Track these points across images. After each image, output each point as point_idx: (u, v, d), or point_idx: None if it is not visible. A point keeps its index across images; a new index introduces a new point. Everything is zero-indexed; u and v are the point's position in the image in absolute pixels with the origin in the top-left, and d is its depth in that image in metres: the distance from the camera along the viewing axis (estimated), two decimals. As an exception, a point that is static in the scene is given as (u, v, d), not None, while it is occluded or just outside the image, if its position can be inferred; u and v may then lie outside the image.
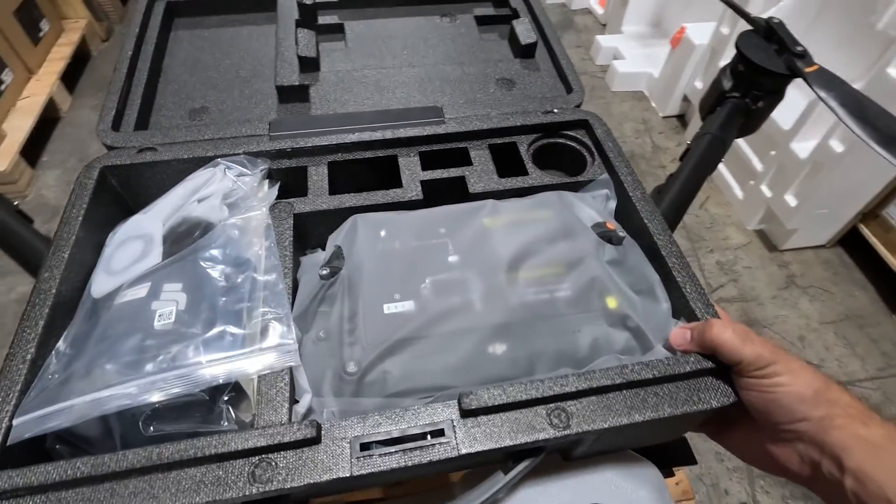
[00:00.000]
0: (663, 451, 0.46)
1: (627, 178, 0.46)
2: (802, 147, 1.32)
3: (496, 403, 0.33)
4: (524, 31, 0.62)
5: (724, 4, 0.57)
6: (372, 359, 0.36)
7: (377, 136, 0.48)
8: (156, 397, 0.32)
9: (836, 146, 1.21)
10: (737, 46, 0.54)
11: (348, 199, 0.45)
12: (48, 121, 1.72)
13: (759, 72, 0.52)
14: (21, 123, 1.58)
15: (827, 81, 0.49)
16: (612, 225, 0.44)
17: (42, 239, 0.51)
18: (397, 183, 0.47)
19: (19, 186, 1.54)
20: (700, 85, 1.70)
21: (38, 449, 0.33)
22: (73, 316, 0.38)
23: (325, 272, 0.39)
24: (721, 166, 1.66)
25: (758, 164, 1.50)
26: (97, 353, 0.34)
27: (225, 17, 0.68)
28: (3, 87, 1.58)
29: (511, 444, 0.32)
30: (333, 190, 0.46)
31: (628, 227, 0.44)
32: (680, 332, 0.37)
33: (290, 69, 0.57)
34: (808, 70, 0.50)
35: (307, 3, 0.63)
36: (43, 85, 1.70)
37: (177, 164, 0.46)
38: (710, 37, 1.58)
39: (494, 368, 0.36)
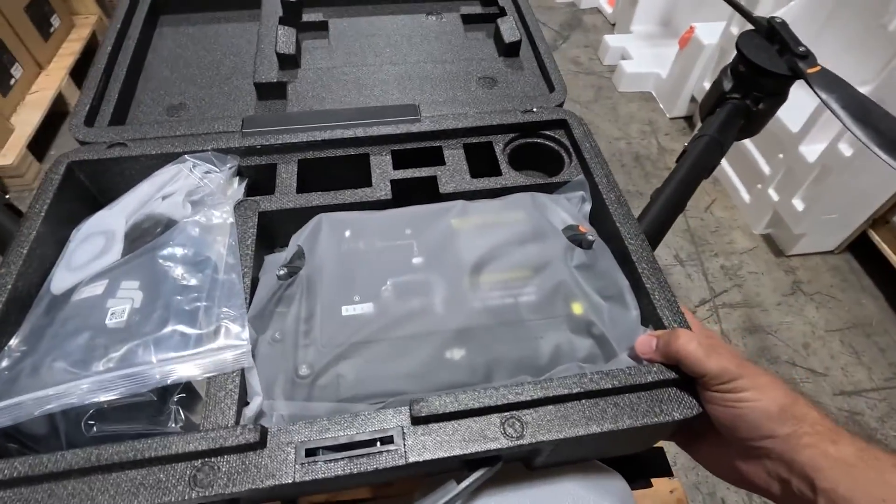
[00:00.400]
0: (637, 461, 0.45)
1: (602, 180, 0.44)
2: (811, 150, 1.29)
3: (448, 411, 0.31)
4: (508, 29, 0.61)
5: (729, 5, 0.55)
6: (326, 362, 0.35)
7: (349, 133, 0.47)
8: (102, 397, 0.32)
9: (846, 150, 1.18)
10: (737, 46, 0.52)
11: (315, 198, 0.44)
12: (56, 115, 1.74)
13: (760, 73, 0.50)
14: (29, 117, 1.60)
15: (830, 83, 0.47)
16: (585, 228, 0.42)
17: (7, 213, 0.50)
18: (368, 182, 0.46)
19: (26, 180, 1.55)
20: (708, 85, 1.66)
21: (-15, 447, 0.32)
22: (27, 312, 0.37)
23: (282, 272, 0.39)
24: (727, 169, 1.63)
25: (765, 167, 1.46)
26: (46, 350, 0.34)
27: (211, 15, 0.67)
28: (12, 81, 1.60)
29: (462, 452, 0.31)
30: (304, 189, 0.45)
31: (601, 231, 0.43)
32: (646, 340, 0.35)
33: (269, 66, 0.57)
34: (810, 71, 0.48)
35: (291, 0, 0.63)
36: (52, 80, 1.72)
37: (145, 160, 0.45)
38: (720, 37, 1.55)
39: (451, 375, 0.35)
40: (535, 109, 0.51)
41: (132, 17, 0.62)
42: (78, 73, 1.84)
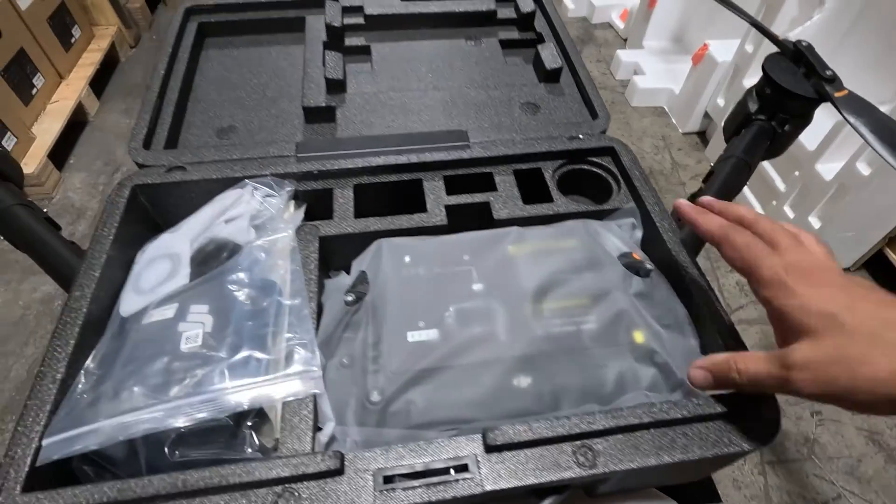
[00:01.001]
0: (687, 488, 0.45)
1: (655, 209, 0.45)
2: (828, 168, 1.30)
3: (522, 440, 0.32)
4: (549, 55, 0.62)
5: (753, 27, 0.56)
6: (396, 388, 0.35)
7: (402, 159, 0.48)
8: (181, 422, 0.32)
9: (864, 169, 1.19)
10: (763, 69, 0.53)
11: (373, 223, 0.45)
12: (76, 124, 1.77)
13: (787, 95, 0.51)
14: (50, 127, 1.62)
15: (857, 107, 0.48)
16: (639, 255, 0.43)
17: (67, 245, 0.51)
18: (421, 207, 0.47)
19: (46, 188, 1.57)
20: (722, 102, 1.68)
21: (65, 469, 0.33)
22: (101, 334, 0.38)
23: (350, 298, 0.40)
24: (742, 186, 1.64)
25: (780, 184, 1.47)
26: (125, 374, 0.34)
27: (254, 38, 0.69)
28: (34, 91, 1.62)
29: (536, 482, 0.31)
30: (358, 213, 0.46)
31: (654, 259, 0.44)
32: (701, 375, 0.34)
33: (317, 90, 0.58)
34: (837, 95, 0.49)
35: (335, 25, 0.64)
36: (72, 89, 1.74)
37: (205, 183, 0.46)
38: (734, 54, 1.56)
39: (519, 402, 0.36)
40: (581, 136, 0.52)
41: (181, 41, 0.63)
42: (97, 83, 1.87)
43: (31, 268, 1.36)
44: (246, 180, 0.46)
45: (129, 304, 0.40)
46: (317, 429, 0.35)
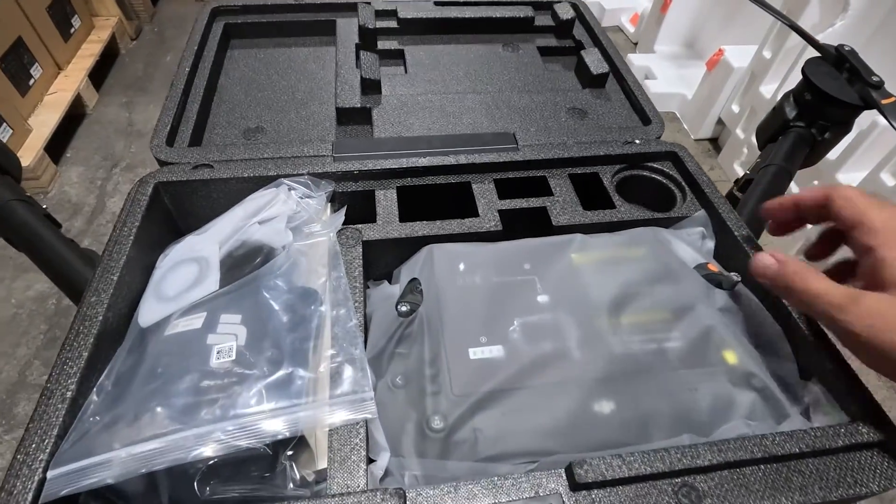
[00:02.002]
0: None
1: (730, 216, 0.41)
2: (849, 178, 1.26)
3: (615, 476, 0.27)
4: (595, 61, 0.59)
5: (793, 31, 0.54)
6: (460, 413, 0.30)
7: (450, 160, 0.45)
8: (211, 451, 0.27)
9: (888, 179, 1.16)
10: (804, 73, 0.50)
11: (421, 228, 0.41)
12: (74, 117, 1.71)
13: (830, 101, 0.48)
14: (47, 119, 1.56)
15: None
16: (715, 267, 0.39)
17: (68, 244, 0.47)
18: (471, 212, 0.43)
19: (42, 182, 1.51)
20: (737, 109, 1.64)
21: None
22: (117, 347, 0.33)
23: (404, 308, 0.35)
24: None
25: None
26: (145, 394, 0.29)
27: (281, 41, 0.66)
28: (31, 81, 1.56)
29: (634, 528, 0.26)
30: (402, 218, 0.42)
31: (730, 271, 0.39)
32: (768, 261, 0.31)
33: (352, 91, 0.54)
34: (885, 102, 0.47)
35: (369, 27, 0.61)
36: (71, 81, 1.69)
37: (235, 182, 0.42)
38: (751, 60, 1.54)
39: (602, 431, 0.31)
40: (637, 141, 0.49)
41: (207, 41, 0.60)
42: (96, 75, 1.82)
43: (24, 264, 1.31)
44: (281, 179, 0.42)
45: (149, 312, 0.35)
46: (369, 460, 0.30)
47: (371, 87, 0.56)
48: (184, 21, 2.21)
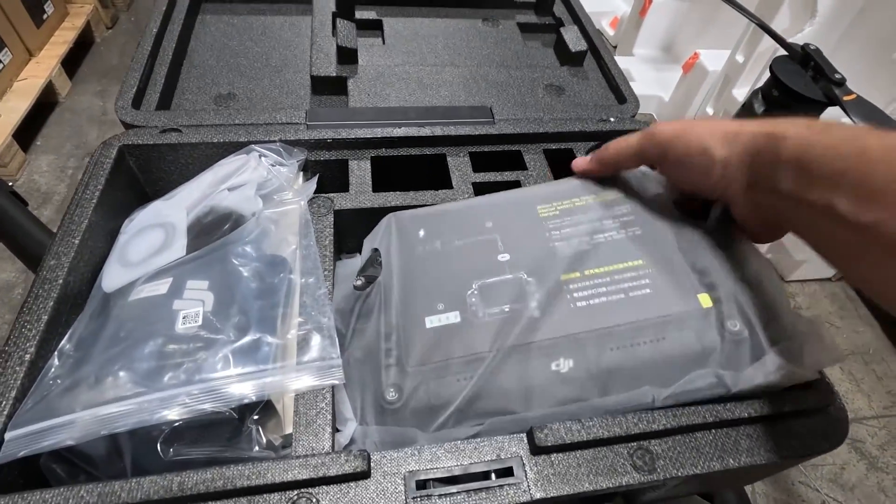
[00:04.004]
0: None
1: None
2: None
3: (574, 440, 0.28)
4: (574, 38, 0.59)
5: (764, 32, 0.55)
6: (415, 384, 0.31)
7: (426, 132, 0.44)
8: (176, 414, 0.27)
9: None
10: (772, 70, 0.52)
11: (394, 198, 0.41)
12: (45, 105, 1.65)
13: (795, 98, 0.50)
14: (17, 105, 1.51)
15: (866, 111, 0.47)
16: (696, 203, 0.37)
17: (36, 222, 0.46)
18: (444, 184, 0.43)
19: (10, 170, 1.46)
20: (711, 111, 1.69)
21: (31, 468, 0.27)
22: (80, 311, 0.33)
23: (359, 282, 0.35)
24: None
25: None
26: (108, 357, 0.29)
27: (255, 6, 0.64)
28: (0, 67, 1.51)
29: (591, 488, 0.27)
30: (375, 189, 0.42)
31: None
32: (582, 159, 0.39)
33: (327, 60, 0.53)
34: (846, 98, 0.48)
35: (346, -6, 0.60)
36: (43, 68, 1.63)
37: (205, 147, 0.41)
38: (724, 64, 1.58)
39: (561, 390, 0.31)
40: (612, 119, 0.49)
41: (175, 3, 0.58)
42: (70, 62, 1.76)
43: (-11, 251, 1.26)
44: (252, 145, 0.41)
45: (113, 277, 0.34)
46: (335, 429, 0.30)
47: (347, 56, 0.54)
48: (161, 10, 2.16)
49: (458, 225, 0.38)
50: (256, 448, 0.29)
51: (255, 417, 0.30)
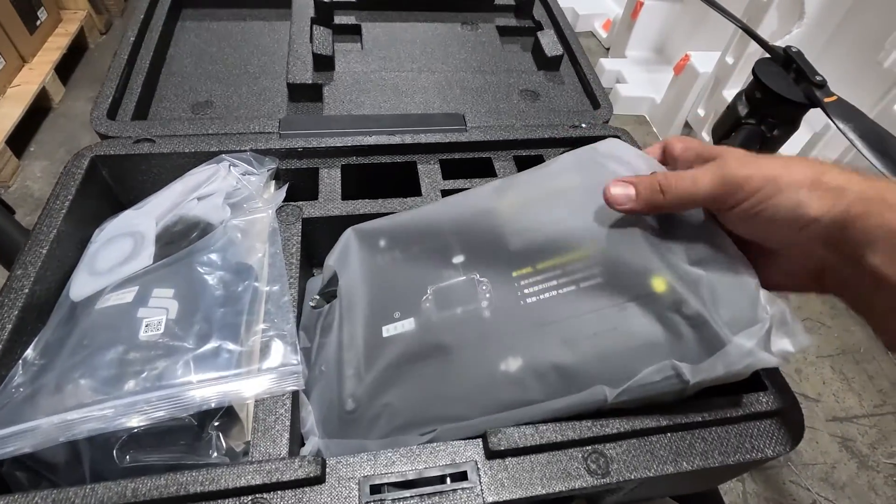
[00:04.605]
0: (696, 497, 0.42)
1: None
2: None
3: (528, 444, 0.29)
4: (550, 43, 0.60)
5: (746, 34, 0.55)
6: (370, 392, 0.31)
7: (396, 140, 0.45)
8: (135, 421, 0.28)
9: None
10: (754, 73, 0.52)
11: (362, 206, 0.41)
12: (39, 111, 1.66)
13: (778, 100, 0.50)
14: (10, 111, 1.51)
15: (846, 113, 0.47)
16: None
17: (23, 232, 0.47)
18: (415, 191, 0.43)
19: (3, 176, 1.46)
20: (702, 112, 1.70)
21: (-7, 476, 0.28)
22: (47, 320, 0.33)
23: (313, 302, 0.35)
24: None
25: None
26: (71, 364, 0.30)
27: (235, 11, 0.64)
28: (-7, 74, 1.52)
29: (543, 491, 0.28)
30: (346, 196, 0.42)
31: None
32: (621, 188, 0.30)
33: (304, 67, 0.54)
34: (827, 100, 0.49)
35: (324, 0, 0.60)
36: (36, 74, 1.64)
37: (177, 157, 0.42)
38: (715, 65, 1.59)
39: (511, 392, 0.30)
40: (583, 125, 0.50)
41: (155, 8, 0.58)
42: (63, 68, 1.76)
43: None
44: (223, 155, 0.41)
45: (81, 286, 0.35)
46: (297, 433, 0.31)
47: (323, 63, 0.55)
48: (154, 15, 2.16)
49: (416, 231, 0.37)
50: (215, 454, 0.29)
51: (216, 424, 0.30)
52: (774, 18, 1.36)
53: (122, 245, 0.37)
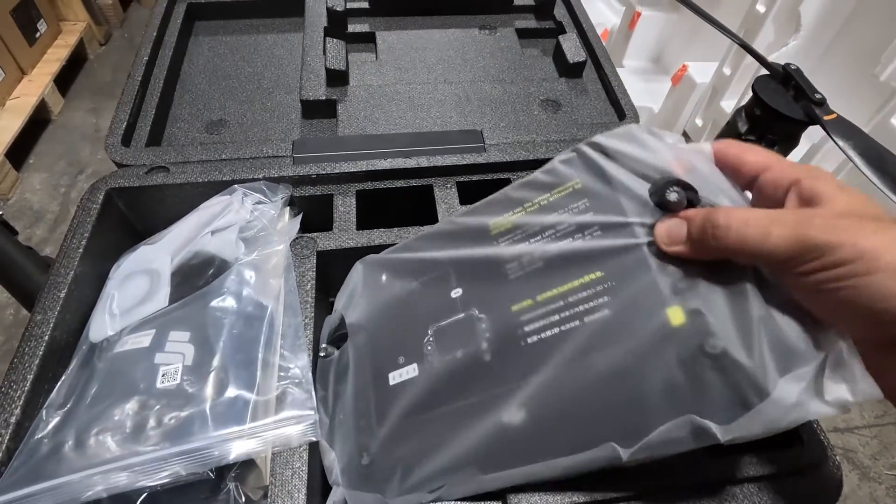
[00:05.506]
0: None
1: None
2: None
3: (548, 506, 0.28)
4: (572, 48, 0.57)
5: (745, 51, 0.53)
6: (383, 447, 0.30)
7: (411, 163, 0.43)
8: (157, 479, 0.28)
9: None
10: (753, 90, 0.50)
11: (378, 236, 0.40)
12: (38, 122, 1.64)
13: (777, 117, 0.49)
14: (9, 124, 1.50)
15: (846, 130, 0.45)
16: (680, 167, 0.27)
17: (23, 251, 0.46)
18: (432, 217, 0.42)
19: (2, 189, 1.45)
20: (700, 122, 1.68)
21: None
22: (67, 362, 0.34)
23: (323, 353, 0.34)
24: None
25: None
26: (91, 416, 0.30)
27: (249, 22, 0.63)
28: (-7, 86, 1.50)
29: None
30: (361, 224, 0.41)
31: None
32: (675, 226, 0.25)
33: (317, 82, 0.52)
34: (827, 118, 0.47)
35: (338, 9, 0.59)
36: (36, 86, 1.62)
37: (190, 188, 0.41)
38: (712, 76, 1.55)
39: (513, 447, 0.27)
40: (608, 140, 0.47)
41: (168, 24, 0.57)
42: (62, 80, 1.74)
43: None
44: (236, 185, 0.41)
45: (100, 328, 0.35)
46: (315, 488, 0.30)
47: (337, 77, 0.54)
48: (154, 25, 2.10)
49: (414, 262, 0.34)
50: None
51: (234, 474, 0.30)
52: (771, 30, 1.32)
53: (138, 283, 0.37)
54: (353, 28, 0.61)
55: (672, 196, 0.26)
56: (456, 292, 0.32)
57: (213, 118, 0.53)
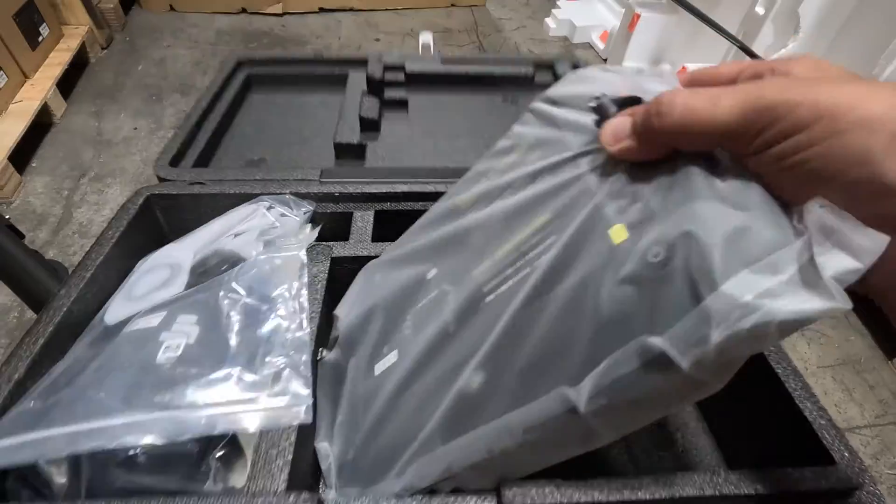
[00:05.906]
0: None
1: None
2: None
3: (545, 502, 0.25)
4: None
5: (744, 52, 0.55)
6: (364, 439, 0.29)
7: (429, 188, 0.46)
8: (137, 439, 0.27)
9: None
10: None
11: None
12: (40, 126, 1.64)
13: None
14: (12, 128, 1.49)
15: None
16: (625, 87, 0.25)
17: (31, 255, 0.48)
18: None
19: (5, 192, 1.42)
20: None
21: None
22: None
23: (321, 357, 0.35)
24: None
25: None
26: (89, 382, 0.30)
27: (299, 87, 0.71)
28: (-5, 90, 1.48)
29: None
30: (376, 238, 0.43)
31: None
32: (619, 123, 0.23)
33: (351, 129, 0.58)
34: None
35: (376, 77, 0.66)
36: (38, 90, 1.62)
37: (223, 198, 0.44)
38: None
39: (473, 413, 0.25)
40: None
41: (227, 87, 0.65)
42: (65, 83, 1.75)
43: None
44: (262, 196, 0.44)
45: (116, 310, 0.36)
46: (300, 473, 0.29)
47: (369, 126, 0.59)
48: (156, 30, 2.08)
49: (403, 256, 0.35)
50: (214, 485, 0.28)
51: (218, 455, 0.29)
52: (770, 32, 1.33)
53: (159, 274, 0.38)
54: (389, 95, 0.68)
55: (612, 109, 0.24)
56: (431, 273, 0.32)
57: (253, 157, 0.58)
